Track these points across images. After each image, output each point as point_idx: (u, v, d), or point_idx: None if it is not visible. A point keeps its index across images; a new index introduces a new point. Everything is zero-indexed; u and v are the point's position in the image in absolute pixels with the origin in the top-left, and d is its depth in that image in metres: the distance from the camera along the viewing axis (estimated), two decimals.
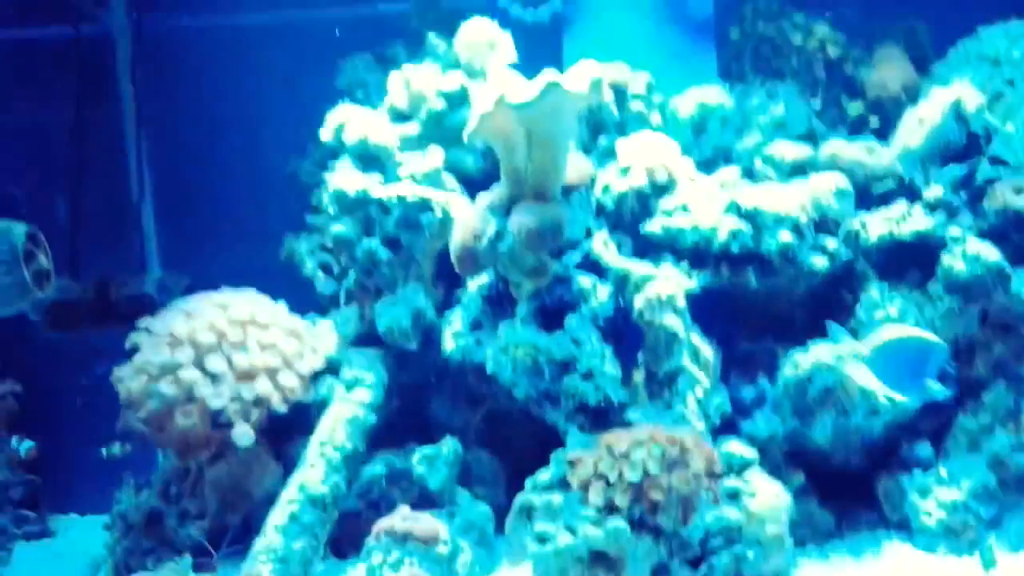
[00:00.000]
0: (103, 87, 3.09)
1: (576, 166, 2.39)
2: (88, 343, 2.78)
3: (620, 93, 2.58)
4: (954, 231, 2.23)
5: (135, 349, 2.43)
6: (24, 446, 2.71)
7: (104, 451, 2.60)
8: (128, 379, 2.38)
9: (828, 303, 2.37)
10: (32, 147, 2.97)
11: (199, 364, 2.38)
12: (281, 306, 2.59)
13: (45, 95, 2.93)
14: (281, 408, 2.41)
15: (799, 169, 2.48)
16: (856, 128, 2.71)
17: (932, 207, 2.27)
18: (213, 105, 3.10)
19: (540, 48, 2.83)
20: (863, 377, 2.07)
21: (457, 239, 2.29)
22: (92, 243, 2.77)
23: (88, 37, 3.01)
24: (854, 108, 2.71)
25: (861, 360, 2.07)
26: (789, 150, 2.49)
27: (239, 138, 3.11)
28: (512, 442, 2.51)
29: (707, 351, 2.28)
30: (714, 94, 2.59)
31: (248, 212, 3.13)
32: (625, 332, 2.29)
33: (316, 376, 2.50)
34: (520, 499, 2.11)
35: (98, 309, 2.74)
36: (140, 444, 2.70)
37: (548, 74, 2.10)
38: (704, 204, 2.30)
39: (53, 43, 2.89)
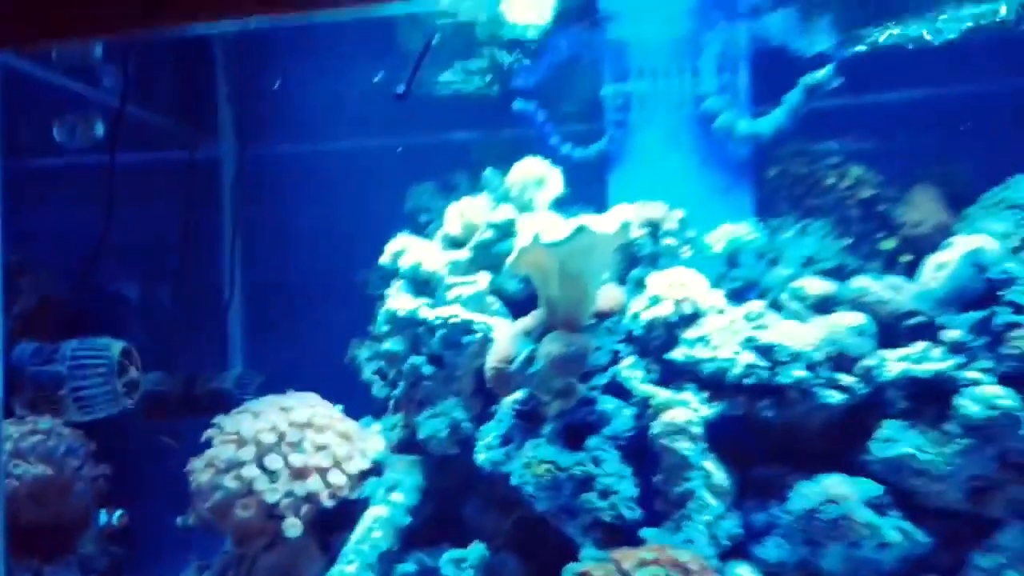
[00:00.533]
0: (208, 203, 3.36)
1: (609, 295, 2.57)
2: (174, 430, 2.97)
3: (655, 228, 2.71)
4: (972, 374, 2.20)
5: (208, 443, 2.60)
6: (116, 515, 2.90)
7: (180, 521, 2.81)
8: (199, 471, 2.56)
9: (844, 435, 2.37)
10: (145, 255, 3.27)
11: (259, 462, 2.53)
12: (337, 410, 2.74)
13: (161, 209, 3.20)
14: (328, 503, 2.55)
15: (823, 303, 2.53)
16: (890, 263, 2.75)
17: (951, 348, 2.27)
18: (297, 220, 3.37)
19: (587, 183, 2.98)
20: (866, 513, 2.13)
21: (492, 361, 2.47)
22: (186, 339, 2.99)
23: (201, 160, 3.30)
24: (887, 244, 2.77)
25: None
26: (815, 285, 2.55)
27: (318, 251, 3.33)
28: (538, 548, 2.51)
29: (721, 476, 2.31)
30: (745, 229, 2.70)
31: (320, 317, 3.29)
32: (645, 454, 2.35)
33: (363, 475, 2.63)
34: None
35: (185, 401, 2.91)
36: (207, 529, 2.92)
37: (581, 217, 2.29)
38: (725, 336, 2.37)
39: (172, 165, 3.19)
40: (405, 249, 2.74)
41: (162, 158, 3.20)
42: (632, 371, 2.47)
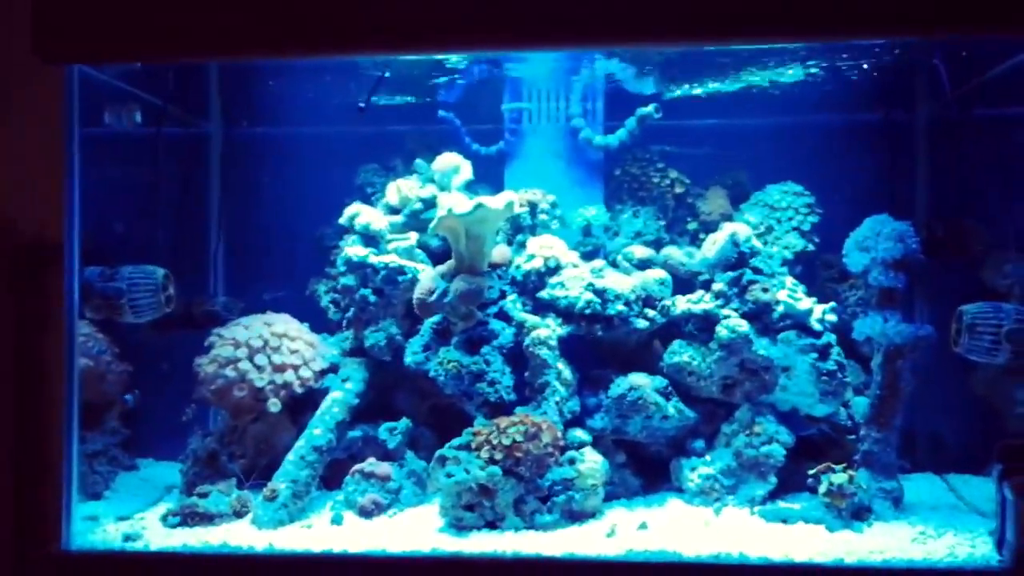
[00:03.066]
0: (200, 170, 3.74)
1: (500, 252, 3.22)
2: (174, 340, 3.39)
3: (533, 207, 3.37)
4: (726, 311, 3.05)
5: (210, 346, 3.18)
6: (129, 397, 3.35)
7: (184, 415, 3.31)
8: (205, 364, 3.13)
9: (648, 349, 3.22)
10: (151, 204, 3.47)
11: (250, 358, 3.12)
12: (304, 327, 3.32)
13: (164, 174, 3.50)
14: (300, 391, 3.14)
15: (644, 263, 3.34)
16: (693, 239, 3.53)
17: (716, 295, 3.10)
18: (270, 186, 3.77)
19: (490, 172, 3.55)
20: (655, 395, 3.07)
21: (418, 294, 3.11)
22: (181, 274, 3.19)
23: (193, 136, 3.73)
24: (691, 226, 3.57)
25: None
26: (640, 250, 3.38)
27: (286, 210, 3.72)
28: (445, 424, 3.15)
29: (568, 374, 3.08)
30: (596, 211, 3.44)
31: (287, 261, 3.75)
32: (520, 358, 3.06)
33: (323, 372, 3.22)
34: (438, 452, 2.81)
35: (184, 319, 3.36)
36: (202, 410, 3.46)
37: (482, 196, 2.98)
38: (575, 282, 3.14)
39: (170, 138, 3.38)
40: (358, 212, 3.27)
41: (170, 132, 3.41)
42: (514, 304, 3.18)
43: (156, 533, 2.76)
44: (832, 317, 3.09)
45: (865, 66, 3.13)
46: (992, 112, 3.11)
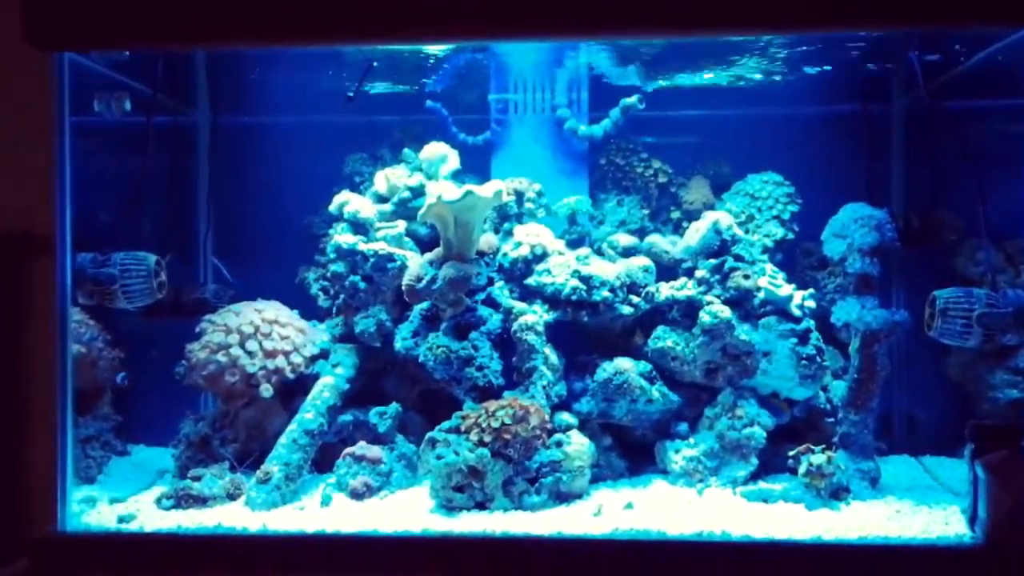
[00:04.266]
0: (189, 159, 3.73)
1: (487, 240, 3.24)
2: (164, 328, 3.37)
3: (520, 196, 3.41)
4: (708, 298, 3.11)
5: (202, 332, 3.18)
6: (121, 376, 3.34)
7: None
8: (197, 351, 3.13)
9: (633, 335, 3.27)
10: (141, 193, 3.28)
11: (242, 345, 3.12)
12: (294, 313, 3.33)
13: (152, 165, 3.31)
14: (291, 376, 3.14)
15: (629, 251, 3.40)
16: (676, 228, 3.59)
17: (699, 282, 3.16)
18: (259, 175, 3.72)
19: (477, 161, 3.58)
20: (640, 379, 3.12)
21: (407, 281, 3.12)
22: (172, 261, 3.14)
23: (181, 124, 3.68)
24: (675, 214, 3.63)
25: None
26: (624, 239, 3.43)
27: (275, 199, 3.71)
28: (434, 408, 3.17)
29: (555, 359, 3.13)
30: (580, 200, 3.47)
31: (277, 249, 3.72)
32: (507, 344, 3.11)
33: (314, 358, 3.21)
34: (428, 435, 2.81)
35: (174, 307, 3.32)
36: (194, 395, 3.48)
37: (469, 185, 2.99)
38: (561, 269, 3.18)
39: (158, 127, 3.25)
40: (348, 201, 3.28)
41: (156, 122, 3.37)
42: (501, 290, 3.22)
43: (150, 515, 2.78)
44: (811, 303, 3.15)
45: (853, 53, 3.19)
46: (964, 104, 3.18)
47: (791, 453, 2.93)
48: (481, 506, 2.78)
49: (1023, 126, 2.71)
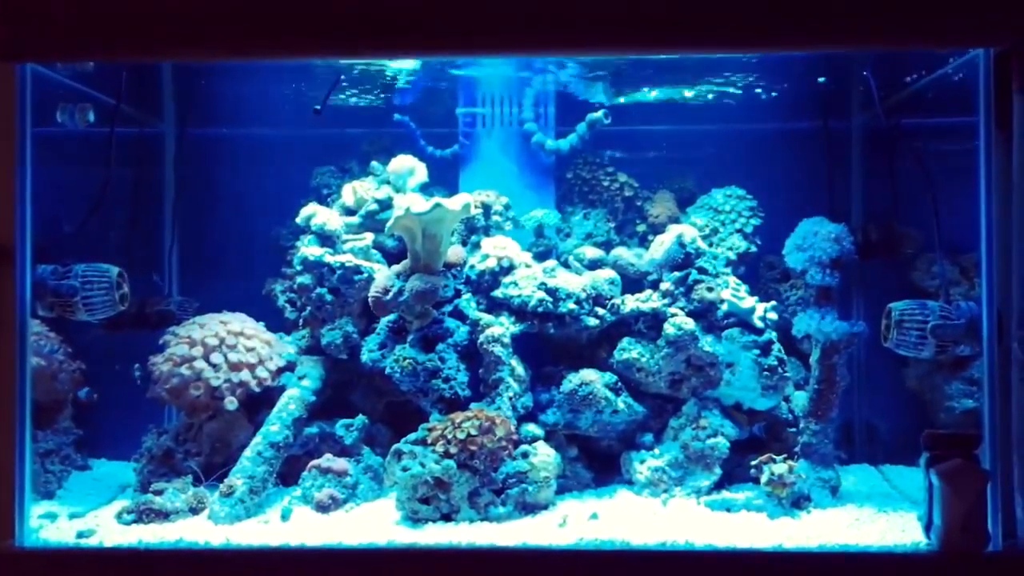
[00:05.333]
0: (154, 170, 3.71)
1: (455, 252, 3.28)
2: (127, 340, 3.35)
3: (487, 209, 3.43)
4: (673, 310, 3.14)
5: (165, 345, 3.16)
6: (84, 391, 3.29)
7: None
8: (160, 363, 3.12)
9: (599, 346, 3.28)
10: (106, 205, 3.27)
11: (206, 357, 3.11)
12: (261, 325, 3.32)
13: (117, 175, 3.29)
14: (256, 389, 3.14)
15: (595, 263, 3.42)
16: (641, 241, 3.62)
17: (663, 294, 3.19)
18: (225, 187, 3.73)
19: (444, 175, 3.61)
20: (605, 391, 3.14)
21: (374, 293, 3.14)
22: (136, 273, 3.13)
23: (147, 135, 3.66)
24: (640, 228, 3.67)
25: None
26: (590, 251, 3.46)
27: (241, 211, 3.70)
28: (401, 421, 3.17)
29: (521, 370, 3.15)
30: (547, 213, 3.49)
31: (243, 260, 3.71)
32: (474, 356, 3.13)
33: (280, 371, 3.22)
34: (394, 447, 2.84)
35: (137, 319, 3.31)
36: (157, 408, 3.41)
37: (437, 198, 3.03)
38: (528, 282, 3.20)
39: (123, 138, 3.28)
40: (315, 213, 3.30)
41: (121, 133, 3.33)
42: (468, 303, 3.24)
43: (110, 530, 2.74)
44: (773, 315, 3.20)
45: (815, 77, 3.25)
46: (919, 122, 3.26)
47: (753, 463, 2.97)
48: (447, 518, 2.79)
49: (976, 143, 2.79)
